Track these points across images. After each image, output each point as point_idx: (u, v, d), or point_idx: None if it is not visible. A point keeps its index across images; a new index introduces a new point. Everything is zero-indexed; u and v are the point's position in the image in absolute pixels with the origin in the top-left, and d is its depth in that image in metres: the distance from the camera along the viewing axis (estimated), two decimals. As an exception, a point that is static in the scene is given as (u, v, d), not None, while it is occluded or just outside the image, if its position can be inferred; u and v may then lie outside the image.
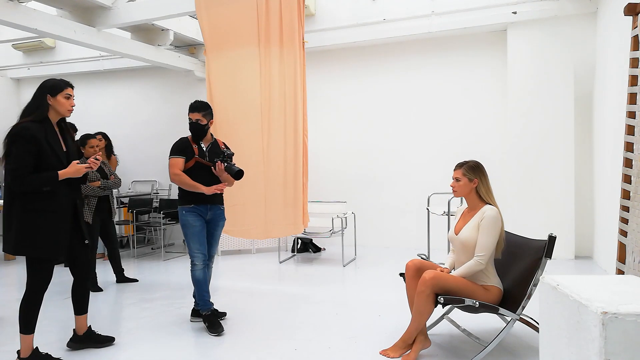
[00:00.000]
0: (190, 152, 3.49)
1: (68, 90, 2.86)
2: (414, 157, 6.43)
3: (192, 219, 3.48)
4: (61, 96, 2.82)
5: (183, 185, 3.46)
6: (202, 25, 4.86)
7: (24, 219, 2.68)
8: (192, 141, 3.55)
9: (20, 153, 2.62)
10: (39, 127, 2.70)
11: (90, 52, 7.31)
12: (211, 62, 4.84)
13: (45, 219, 2.70)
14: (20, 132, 2.64)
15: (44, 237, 2.69)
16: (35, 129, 2.67)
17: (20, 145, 2.63)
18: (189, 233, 3.48)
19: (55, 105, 2.81)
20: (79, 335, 3.17)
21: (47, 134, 2.72)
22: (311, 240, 6.34)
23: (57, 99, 2.81)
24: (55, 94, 2.81)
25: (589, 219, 5.55)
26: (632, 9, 2.99)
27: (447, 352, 2.95)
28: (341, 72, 6.75)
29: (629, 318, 1.43)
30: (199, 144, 3.57)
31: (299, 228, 4.84)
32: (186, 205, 3.50)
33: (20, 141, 2.63)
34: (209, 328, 3.41)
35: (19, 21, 4.82)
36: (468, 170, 2.90)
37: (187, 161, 3.48)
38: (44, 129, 2.72)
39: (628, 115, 2.99)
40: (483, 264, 2.77)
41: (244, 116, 4.75)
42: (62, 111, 2.84)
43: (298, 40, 4.65)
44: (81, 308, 3.13)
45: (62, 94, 2.82)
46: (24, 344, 2.81)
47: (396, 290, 4.22)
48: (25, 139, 2.63)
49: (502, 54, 5.92)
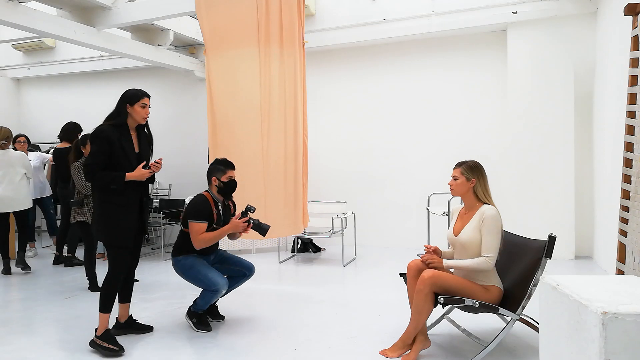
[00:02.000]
0: (211, 219, 3.39)
1: (144, 100, 3.14)
2: (414, 157, 6.43)
3: (194, 260, 3.39)
4: (138, 105, 3.11)
5: (212, 242, 3.35)
6: (202, 25, 4.86)
7: (100, 210, 3.07)
8: (213, 203, 3.42)
9: (95, 151, 2.98)
10: (114, 130, 3.02)
11: (90, 52, 7.32)
12: (211, 62, 4.85)
13: (115, 211, 3.04)
14: (97, 134, 3.00)
15: (112, 226, 3.04)
16: (110, 132, 3.00)
17: (96, 145, 2.99)
18: (201, 269, 3.33)
19: (132, 113, 3.10)
20: (121, 322, 3.38)
21: (121, 137, 3.04)
22: (311, 240, 6.34)
23: (134, 107, 3.10)
24: (133, 103, 3.10)
25: (589, 219, 5.55)
26: (632, 9, 2.99)
27: (447, 352, 2.95)
28: (341, 72, 6.75)
29: (629, 318, 1.43)
30: (218, 205, 3.46)
31: (299, 228, 4.85)
32: (184, 255, 3.42)
33: (97, 141, 2.99)
34: (195, 325, 3.42)
35: (19, 21, 4.82)
36: (466, 170, 2.90)
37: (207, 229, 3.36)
38: (119, 133, 3.04)
39: (628, 115, 2.99)
40: (491, 264, 2.75)
41: (243, 116, 4.75)
42: (138, 119, 3.13)
43: (298, 40, 4.65)
44: (126, 296, 3.39)
45: (139, 103, 3.11)
46: (101, 322, 3.08)
47: (396, 290, 4.22)
48: (100, 139, 2.98)
49: (502, 54, 5.92)
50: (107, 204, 3.03)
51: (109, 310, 3.08)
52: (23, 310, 4.01)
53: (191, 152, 7.50)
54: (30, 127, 8.57)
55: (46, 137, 8.10)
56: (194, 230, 3.31)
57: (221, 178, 3.42)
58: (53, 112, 8.41)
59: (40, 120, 8.55)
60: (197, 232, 3.30)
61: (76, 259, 5.73)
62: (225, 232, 3.37)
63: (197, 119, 7.38)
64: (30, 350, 3.14)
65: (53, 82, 8.55)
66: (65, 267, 5.65)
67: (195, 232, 3.30)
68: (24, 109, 8.80)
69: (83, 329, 3.51)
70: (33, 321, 3.72)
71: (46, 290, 4.65)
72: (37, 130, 8.46)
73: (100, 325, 3.07)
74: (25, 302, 4.27)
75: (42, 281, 5.02)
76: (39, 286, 4.80)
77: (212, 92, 4.85)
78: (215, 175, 3.44)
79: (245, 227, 3.36)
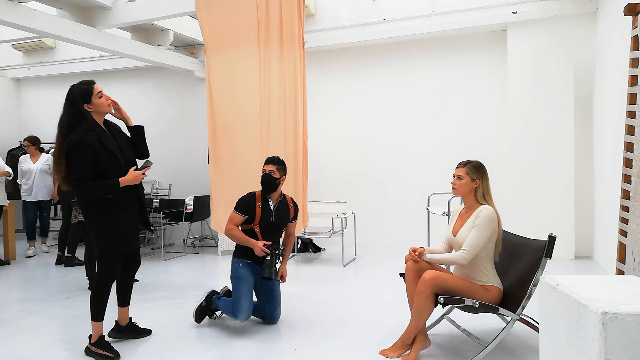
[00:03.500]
0: (252, 213, 3.43)
1: (96, 88, 2.88)
2: (414, 157, 6.43)
3: (247, 272, 3.41)
4: (95, 97, 2.86)
5: (235, 240, 3.45)
6: (202, 25, 4.86)
7: (100, 223, 2.87)
8: (259, 197, 3.49)
9: (80, 163, 2.74)
10: (91, 135, 2.79)
11: (90, 52, 7.32)
12: (211, 62, 4.84)
13: (118, 218, 2.90)
14: (76, 144, 2.74)
15: (119, 235, 2.91)
16: (87, 138, 2.76)
17: (78, 155, 2.74)
18: (242, 287, 3.36)
19: (95, 109, 2.87)
20: (121, 325, 3.30)
21: (100, 138, 2.82)
22: (311, 240, 6.34)
23: (93, 102, 2.85)
24: (88, 98, 2.84)
25: (589, 219, 5.55)
26: (632, 9, 2.99)
27: (447, 352, 2.95)
28: (341, 72, 6.75)
29: (629, 318, 1.43)
30: (267, 199, 3.51)
31: (299, 228, 4.84)
32: (244, 259, 3.46)
33: (78, 151, 2.74)
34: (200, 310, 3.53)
35: (19, 21, 4.82)
36: (472, 170, 2.89)
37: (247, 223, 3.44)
38: (96, 134, 2.82)
39: (628, 115, 3.00)
40: (466, 260, 2.75)
41: (244, 116, 4.74)
42: (104, 110, 2.91)
43: (298, 40, 4.64)
44: (126, 300, 3.29)
45: (94, 95, 2.86)
46: (94, 330, 3.01)
47: (396, 290, 4.22)
48: (81, 148, 2.74)
49: (502, 54, 5.92)
50: (104, 215, 2.86)
51: (102, 318, 3.00)
52: (23, 310, 4.01)
53: (191, 152, 7.51)
54: (30, 127, 8.57)
55: (46, 137, 8.08)
56: (230, 218, 3.45)
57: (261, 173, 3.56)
58: (53, 112, 8.35)
59: (40, 120, 8.55)
60: (231, 220, 3.45)
61: (76, 259, 5.73)
62: (248, 242, 3.38)
63: (197, 119, 7.38)
64: (30, 350, 3.14)
65: (53, 82, 8.55)
66: (66, 267, 5.65)
67: (230, 220, 3.45)
68: (24, 109, 8.80)
69: (83, 329, 3.51)
70: (33, 321, 3.72)
71: (46, 290, 4.65)
72: (37, 131, 8.43)
73: (94, 333, 3.01)
74: (25, 302, 4.27)
75: (42, 281, 5.02)
76: (39, 286, 4.80)
77: (212, 92, 4.84)
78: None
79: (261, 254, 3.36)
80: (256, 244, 3.37)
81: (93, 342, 3.01)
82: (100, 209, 2.86)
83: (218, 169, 4.74)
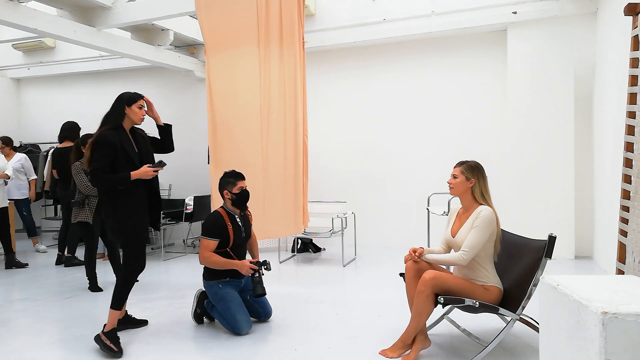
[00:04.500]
0: (225, 235, 3.39)
1: (141, 101, 3.24)
2: (414, 157, 6.43)
3: (228, 291, 3.38)
4: (135, 106, 3.19)
5: (216, 267, 3.36)
6: (202, 25, 4.86)
7: (115, 214, 3.11)
8: (225, 216, 3.44)
9: (99, 156, 3.03)
10: (114, 133, 3.09)
11: (90, 52, 7.32)
12: (211, 62, 4.84)
13: (126, 211, 3.11)
14: (99, 139, 3.06)
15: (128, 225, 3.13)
16: (110, 136, 3.06)
17: (100, 150, 3.04)
18: (232, 306, 3.32)
19: (130, 115, 3.18)
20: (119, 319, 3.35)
21: (121, 140, 3.10)
22: (311, 240, 6.34)
23: (132, 109, 3.18)
24: (131, 104, 3.18)
25: (589, 219, 5.55)
26: (632, 9, 2.99)
27: (447, 352, 2.95)
28: (341, 72, 6.75)
29: (629, 318, 1.43)
30: (234, 216, 3.48)
31: (299, 228, 4.84)
32: (221, 280, 3.41)
33: (99, 146, 3.04)
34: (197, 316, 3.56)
35: (19, 21, 4.82)
36: (467, 169, 2.90)
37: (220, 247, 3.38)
38: (118, 135, 3.11)
39: (628, 115, 3.00)
40: (466, 261, 2.76)
41: (243, 116, 4.75)
42: (135, 119, 3.21)
43: (298, 40, 4.64)
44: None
45: (136, 104, 3.20)
46: (110, 319, 3.13)
47: (396, 290, 4.22)
48: (103, 144, 3.04)
49: (502, 54, 5.92)
50: (118, 207, 3.10)
51: (121, 308, 3.17)
52: (23, 310, 4.01)
53: (191, 152, 7.50)
54: (30, 127, 8.58)
55: (46, 137, 8.10)
56: (203, 245, 3.34)
57: (232, 190, 3.44)
58: (53, 112, 8.40)
59: (40, 120, 8.56)
60: (206, 248, 3.34)
61: (76, 259, 5.73)
62: (232, 265, 3.35)
63: (197, 119, 7.38)
64: (30, 350, 3.14)
65: (53, 82, 8.55)
66: (66, 267, 5.65)
67: (204, 248, 3.33)
68: (24, 109, 8.80)
69: (83, 329, 3.51)
70: (33, 321, 3.72)
71: (46, 290, 4.65)
72: (36, 131, 8.47)
73: (109, 322, 3.13)
74: (25, 302, 4.27)
75: (42, 281, 5.02)
76: (39, 286, 4.80)
77: (212, 92, 4.84)
78: (227, 188, 3.46)
79: (250, 273, 3.35)
80: (242, 264, 3.33)
81: (106, 331, 3.11)
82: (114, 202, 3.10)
83: (218, 169, 4.74)
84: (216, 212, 3.47)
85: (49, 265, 5.82)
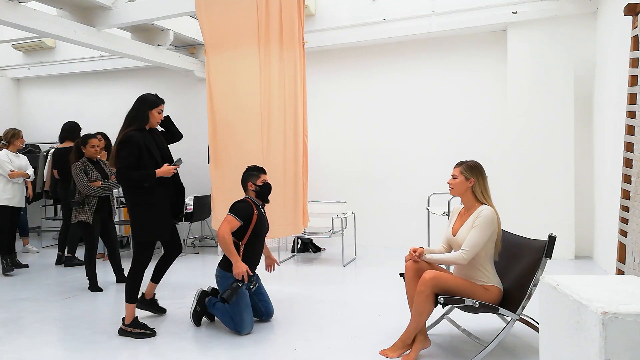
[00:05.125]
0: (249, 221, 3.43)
1: (162, 106, 3.48)
2: (414, 157, 6.43)
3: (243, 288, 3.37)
4: (156, 111, 3.43)
5: (224, 247, 3.35)
6: (202, 25, 4.85)
7: (134, 212, 3.34)
8: (255, 207, 3.49)
9: (126, 155, 3.24)
10: (139, 134, 3.31)
11: (90, 52, 7.31)
12: (211, 62, 4.83)
13: (148, 210, 3.31)
14: (127, 139, 3.27)
15: (145, 224, 3.33)
16: (137, 137, 3.28)
17: (127, 149, 3.24)
18: (241, 302, 3.32)
19: (150, 118, 3.40)
20: (145, 298, 3.72)
21: (145, 140, 3.33)
22: (311, 240, 6.34)
23: (152, 112, 3.41)
24: (153, 108, 3.41)
25: (589, 219, 5.55)
26: (632, 9, 2.99)
27: (447, 352, 2.95)
28: (341, 72, 6.75)
29: (629, 318, 1.43)
30: (259, 206, 3.55)
31: (299, 228, 4.84)
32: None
33: (127, 146, 3.25)
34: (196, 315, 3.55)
35: (19, 21, 4.82)
36: (466, 169, 2.92)
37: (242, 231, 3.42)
38: (143, 136, 3.33)
39: (628, 115, 3.00)
40: (466, 260, 2.77)
41: (243, 116, 4.74)
42: (154, 122, 3.46)
43: (298, 40, 4.64)
44: (158, 277, 3.69)
45: (157, 109, 3.43)
46: (128, 312, 3.37)
47: (396, 290, 4.22)
48: (131, 144, 3.25)
49: (502, 54, 5.92)
50: (139, 207, 3.31)
51: (135, 300, 3.40)
52: (23, 310, 4.01)
53: (191, 152, 7.47)
54: (30, 127, 8.57)
55: (46, 137, 8.10)
56: (227, 220, 3.36)
57: (257, 182, 3.55)
58: (53, 112, 8.40)
59: (40, 120, 8.55)
60: (229, 223, 3.35)
61: (76, 259, 5.73)
62: (234, 257, 3.34)
63: (197, 119, 7.37)
64: (30, 350, 3.14)
65: (53, 82, 8.55)
66: (66, 267, 5.66)
67: (228, 222, 3.35)
68: (24, 109, 8.80)
69: (83, 329, 3.51)
70: (33, 321, 3.72)
71: (46, 290, 4.66)
72: (37, 131, 8.46)
73: (128, 314, 3.34)
74: (25, 302, 4.27)
75: (42, 281, 5.02)
76: (39, 286, 4.80)
77: (212, 92, 4.83)
78: (251, 180, 3.56)
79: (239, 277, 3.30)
80: (241, 266, 3.31)
81: (128, 323, 3.34)
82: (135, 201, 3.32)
83: (218, 169, 4.74)
84: (245, 199, 3.55)
85: (49, 265, 5.82)
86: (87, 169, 4.60)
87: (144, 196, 3.29)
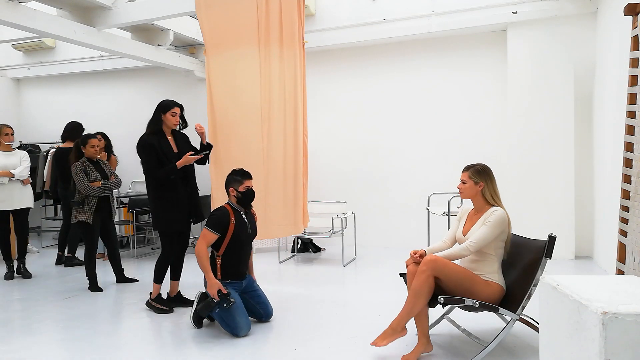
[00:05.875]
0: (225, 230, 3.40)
1: (175, 109, 3.78)
2: (414, 157, 6.43)
3: (231, 292, 3.36)
4: (169, 114, 3.75)
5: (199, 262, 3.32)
6: (202, 25, 4.85)
7: (155, 204, 3.77)
8: (233, 214, 3.46)
9: (147, 158, 3.67)
10: (153, 137, 3.69)
11: (90, 52, 7.31)
12: (211, 62, 4.84)
13: (168, 203, 3.73)
14: (142, 143, 3.68)
15: (166, 217, 3.75)
16: (150, 139, 3.67)
17: (145, 153, 3.67)
18: (233, 308, 3.28)
19: (164, 120, 3.75)
20: (171, 296, 3.99)
21: (160, 142, 3.69)
22: (311, 240, 6.34)
23: (166, 115, 3.75)
24: (165, 112, 3.75)
25: (589, 219, 5.55)
26: (632, 9, 2.99)
27: (447, 352, 2.95)
28: (341, 72, 6.75)
29: (629, 318, 1.43)
30: (239, 212, 3.51)
31: (299, 228, 4.84)
32: (223, 281, 3.38)
33: (144, 150, 3.67)
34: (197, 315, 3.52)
35: (19, 21, 4.82)
36: (474, 174, 2.95)
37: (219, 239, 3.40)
38: (157, 139, 3.70)
39: (628, 115, 3.00)
40: (470, 252, 2.80)
41: (243, 116, 4.74)
42: (169, 125, 3.79)
43: (298, 40, 4.64)
44: (177, 275, 4.02)
45: (170, 112, 3.75)
46: (155, 289, 3.91)
47: (396, 290, 4.22)
48: (146, 147, 3.66)
49: (502, 54, 5.92)
50: (160, 200, 3.72)
51: (161, 282, 3.88)
52: (23, 310, 4.02)
53: (191, 152, 7.50)
54: (30, 127, 8.57)
55: (46, 137, 8.09)
56: (203, 235, 3.36)
57: (238, 188, 3.47)
58: (53, 112, 8.40)
59: (40, 120, 8.55)
60: (204, 238, 3.35)
61: (76, 259, 5.73)
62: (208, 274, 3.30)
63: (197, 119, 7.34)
64: (30, 350, 3.14)
65: (53, 82, 8.55)
66: (66, 267, 5.65)
67: (203, 238, 3.35)
68: (24, 109, 8.79)
69: (83, 329, 3.51)
70: (33, 321, 3.72)
71: (46, 290, 4.66)
72: (36, 131, 8.46)
73: (154, 291, 3.89)
74: (25, 302, 4.28)
75: (42, 281, 5.02)
76: (39, 286, 4.80)
77: (212, 92, 4.83)
78: (233, 186, 3.49)
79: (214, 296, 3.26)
80: (213, 284, 3.26)
81: (153, 298, 3.88)
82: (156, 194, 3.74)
83: (218, 169, 4.74)
84: (223, 207, 3.50)
85: (49, 265, 5.82)
86: (86, 169, 4.60)
87: (165, 191, 3.70)
